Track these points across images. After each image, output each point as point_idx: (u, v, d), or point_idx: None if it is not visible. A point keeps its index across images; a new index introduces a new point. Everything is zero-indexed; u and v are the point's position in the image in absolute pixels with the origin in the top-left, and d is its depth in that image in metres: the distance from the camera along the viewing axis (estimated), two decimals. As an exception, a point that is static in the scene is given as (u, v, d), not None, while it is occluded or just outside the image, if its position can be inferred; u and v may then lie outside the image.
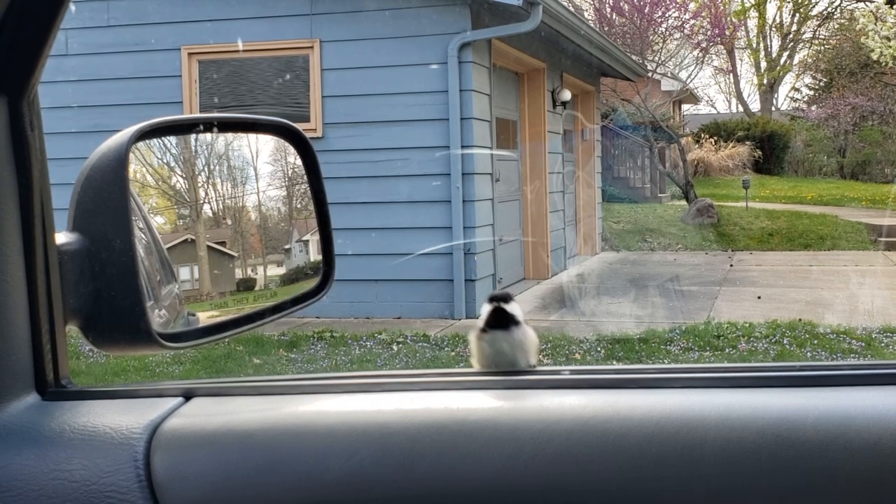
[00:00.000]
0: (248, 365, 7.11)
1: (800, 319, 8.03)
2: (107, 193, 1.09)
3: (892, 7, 15.36)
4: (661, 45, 20.77)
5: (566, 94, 12.71)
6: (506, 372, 1.28)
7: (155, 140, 1.50)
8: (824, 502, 1.03)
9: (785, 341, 7.40)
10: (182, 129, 1.33)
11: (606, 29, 20.25)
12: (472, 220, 9.27)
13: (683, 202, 17.98)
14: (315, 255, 1.53)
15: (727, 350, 7.27)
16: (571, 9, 11.92)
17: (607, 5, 21.00)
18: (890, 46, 14.58)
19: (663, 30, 20.91)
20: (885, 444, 1.02)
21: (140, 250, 1.33)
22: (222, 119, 1.43)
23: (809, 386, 1.16)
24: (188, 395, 1.18)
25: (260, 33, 9.57)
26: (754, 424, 1.06)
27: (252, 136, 1.62)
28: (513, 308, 1.32)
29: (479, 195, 9.37)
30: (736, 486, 1.05)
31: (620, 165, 20.64)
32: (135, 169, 1.50)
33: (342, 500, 1.08)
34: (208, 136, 1.56)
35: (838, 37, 30.51)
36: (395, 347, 7.63)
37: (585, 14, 20.77)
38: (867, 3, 20.88)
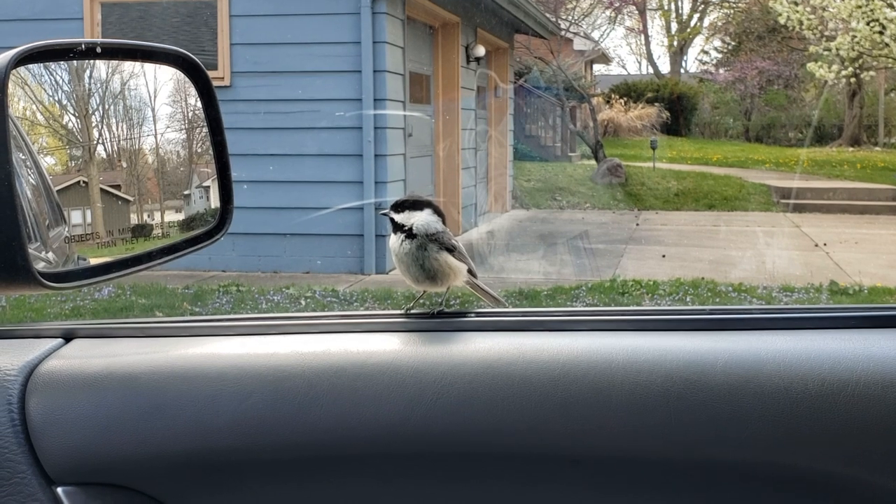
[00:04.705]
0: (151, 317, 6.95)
1: (703, 278, 8.20)
2: None
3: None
4: (574, 3, 20.83)
5: (480, 50, 12.65)
6: (409, 314, 1.25)
7: (47, 77, 1.41)
8: (733, 446, 1.02)
9: (688, 299, 7.56)
10: (66, 53, 1.24)
11: (521, -14, 20.18)
12: (384, 175, 9.19)
13: (593, 162, 18.14)
14: (216, 201, 1.46)
15: (632, 307, 7.39)
16: (486, -36, 11.83)
17: (522, -38, 20.92)
18: (797, 11, 14.86)
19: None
20: (796, 388, 1.01)
21: (27, 190, 1.25)
22: (110, 45, 1.34)
23: (719, 329, 1.14)
24: (68, 337, 1.12)
25: (167, -23, 9.26)
26: (662, 368, 1.05)
27: (150, 75, 1.54)
28: (403, 216, 1.30)
29: (391, 150, 9.28)
30: (643, 431, 1.03)
31: (532, 124, 20.70)
32: (24, 106, 1.41)
33: (233, 446, 1.04)
34: (102, 73, 1.48)
35: (748, 0, 30.99)
36: (303, 302, 7.55)
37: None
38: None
